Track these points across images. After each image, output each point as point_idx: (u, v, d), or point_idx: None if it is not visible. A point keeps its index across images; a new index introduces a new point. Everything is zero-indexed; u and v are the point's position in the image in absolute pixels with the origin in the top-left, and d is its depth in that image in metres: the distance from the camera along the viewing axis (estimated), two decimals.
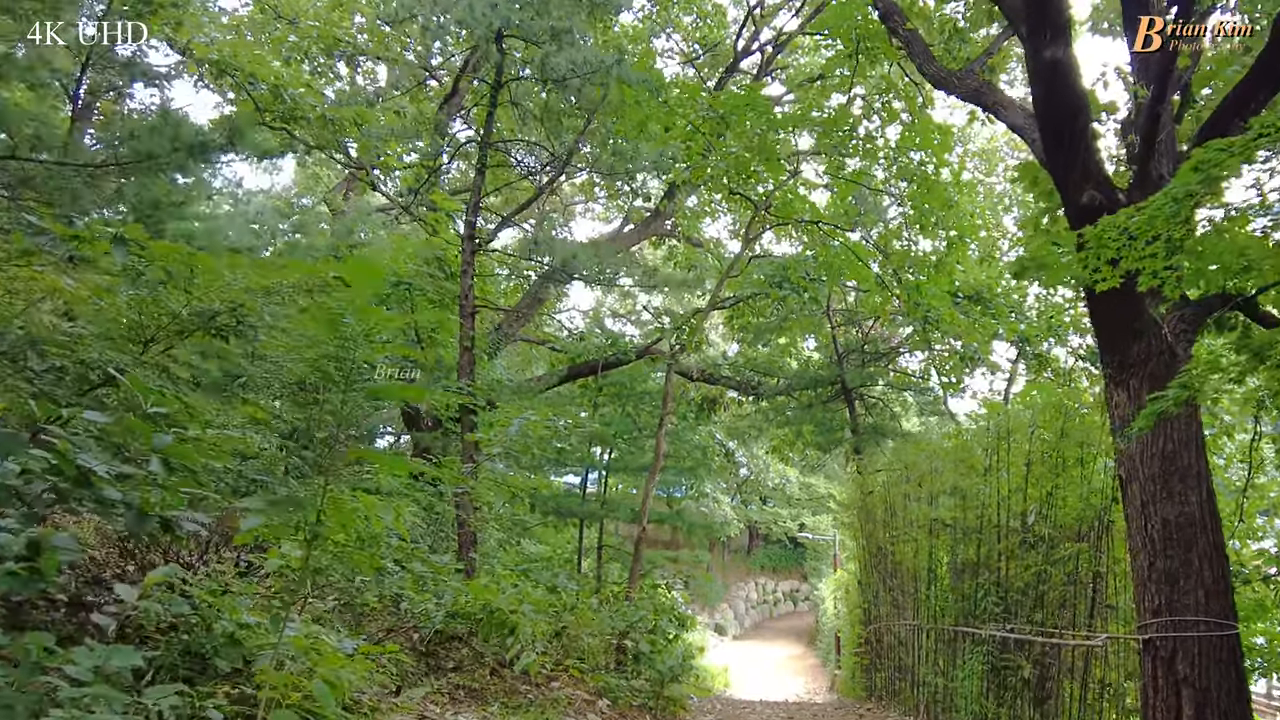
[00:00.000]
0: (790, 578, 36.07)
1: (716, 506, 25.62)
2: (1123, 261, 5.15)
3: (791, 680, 20.99)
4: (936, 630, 9.49)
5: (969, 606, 8.63)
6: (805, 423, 15.69)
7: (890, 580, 11.71)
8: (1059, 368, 12.03)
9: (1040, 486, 7.58)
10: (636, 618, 8.71)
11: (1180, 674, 5.99)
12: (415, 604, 6.07)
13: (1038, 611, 7.64)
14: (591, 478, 15.19)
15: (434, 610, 6.08)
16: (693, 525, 13.99)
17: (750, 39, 16.22)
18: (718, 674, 19.66)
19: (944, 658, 9.39)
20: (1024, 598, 7.76)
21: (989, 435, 8.24)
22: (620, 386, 14.21)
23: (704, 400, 17.22)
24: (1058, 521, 7.35)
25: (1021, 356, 11.48)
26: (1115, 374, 6.91)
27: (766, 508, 31.98)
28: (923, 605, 9.93)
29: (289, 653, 3.84)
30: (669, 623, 9.63)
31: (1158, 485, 6.41)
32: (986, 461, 8.29)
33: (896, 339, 17.01)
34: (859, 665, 14.32)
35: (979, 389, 20.07)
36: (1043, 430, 7.58)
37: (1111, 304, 7.14)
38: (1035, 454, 7.62)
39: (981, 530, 8.36)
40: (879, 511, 11.99)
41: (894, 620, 11.43)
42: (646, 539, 30.07)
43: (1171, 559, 6.23)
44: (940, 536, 9.53)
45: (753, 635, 29.87)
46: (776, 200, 11.22)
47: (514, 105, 10.14)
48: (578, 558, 13.54)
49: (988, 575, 8.23)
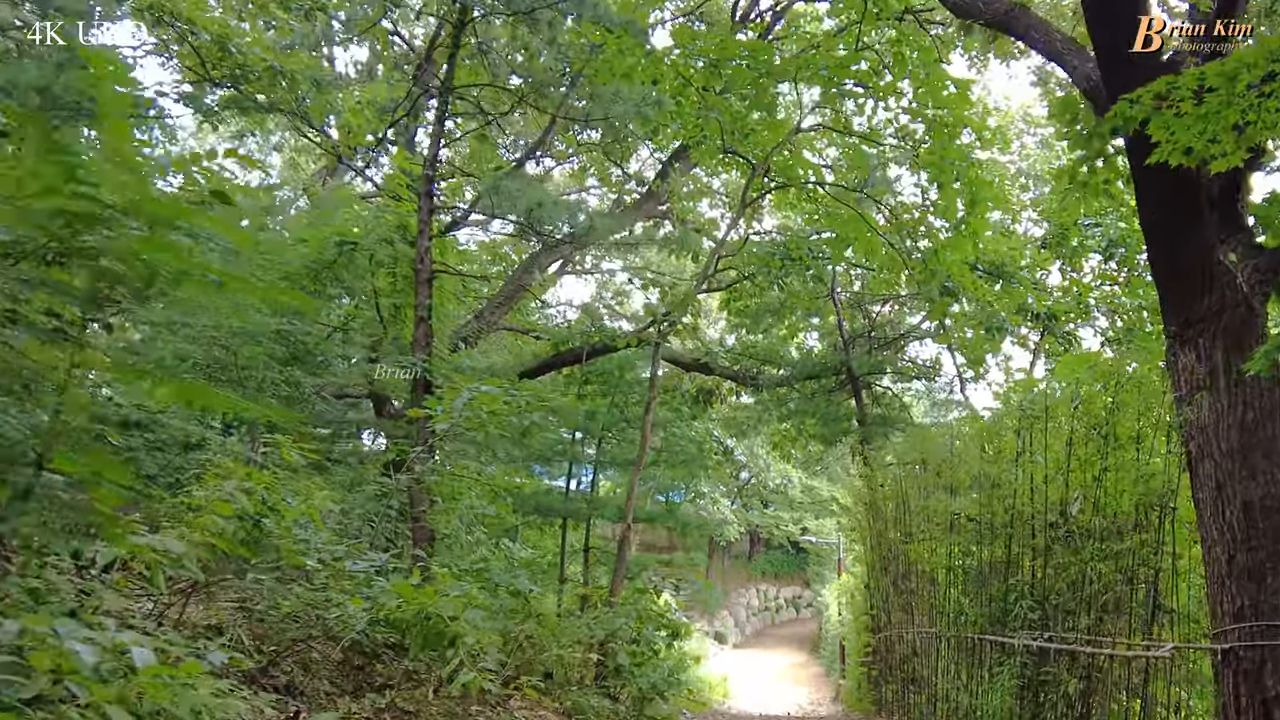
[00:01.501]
0: (792, 583, 35.24)
1: (714, 507, 24.46)
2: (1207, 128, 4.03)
3: (794, 690, 20.29)
4: (957, 639, 8.37)
5: (997, 612, 7.51)
6: (808, 415, 14.56)
7: (902, 584, 10.60)
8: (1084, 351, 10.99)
9: (1085, 470, 6.46)
10: (616, 626, 7.60)
11: (1270, 690, 4.86)
12: (335, 610, 4.98)
13: (1081, 616, 6.52)
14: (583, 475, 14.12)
15: (356, 617, 4.99)
16: (687, 525, 12.87)
17: (750, 4, 15.17)
18: (716, 684, 18.80)
19: (966, 670, 8.27)
20: (1066, 601, 6.63)
21: (1021, 414, 7.11)
22: (607, 376, 13.09)
23: (699, 392, 16.11)
24: (1107, 510, 6.22)
25: (1048, 334, 10.36)
26: (1181, 332, 5.80)
27: (768, 511, 30.87)
28: (941, 611, 8.81)
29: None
30: (655, 631, 8.51)
31: (1236, 462, 5.28)
32: (1019, 445, 7.17)
33: (904, 328, 15.93)
34: (865, 676, 13.28)
35: (995, 380, 19.45)
36: (1089, 404, 6.46)
37: (1177, 245, 6.04)
38: (1079, 433, 6.50)
39: (1012, 525, 7.24)
40: (890, 508, 10.88)
41: (906, 628, 10.32)
42: (642, 544, 28.88)
43: (1256, 551, 5.10)
44: (962, 533, 8.41)
45: (754, 643, 29.05)
46: (776, 163, 10.14)
47: (481, 54, 9.06)
48: (560, 561, 12.41)
49: (1020, 576, 7.10)
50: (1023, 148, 16.84)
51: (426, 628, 5.11)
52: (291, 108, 10.19)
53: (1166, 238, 6.07)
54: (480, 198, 7.82)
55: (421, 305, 8.07)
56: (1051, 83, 15.45)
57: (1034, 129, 16.53)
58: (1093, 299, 10.82)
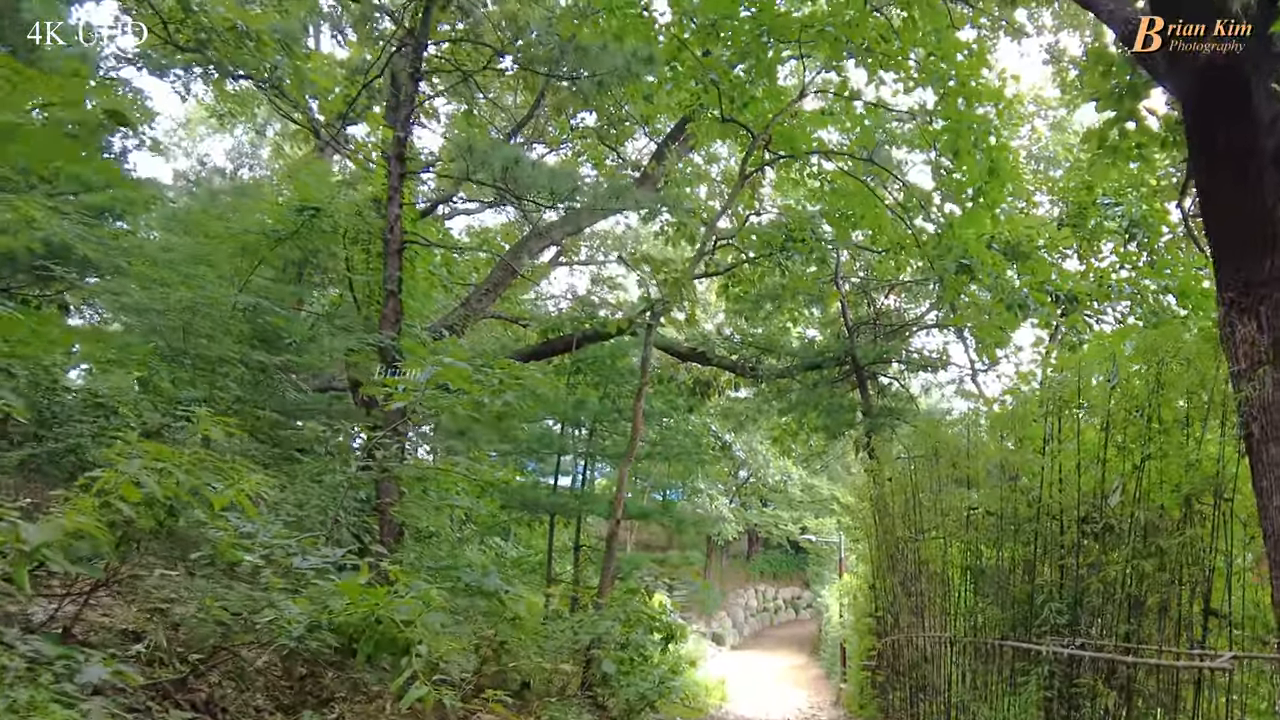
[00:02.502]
0: (791, 584, 34.71)
1: (712, 504, 23.72)
2: None
3: (793, 693, 19.75)
4: (974, 645, 7.68)
5: (1020, 615, 6.82)
6: (810, 408, 13.82)
7: (911, 584, 9.91)
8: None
9: (1125, 458, 5.77)
10: (602, 630, 6.90)
11: None
12: (269, 612, 4.29)
13: (1119, 621, 5.84)
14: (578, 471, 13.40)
15: (293, 621, 4.30)
16: (683, 522, 12.15)
17: None
18: (714, 687, 18.17)
19: (984, 678, 7.59)
20: (1102, 603, 5.95)
21: (1050, 396, 6.42)
22: (599, 365, 12.38)
23: (696, 383, 15.40)
24: (1151, 501, 5.53)
25: (1070, 316, 9.64)
26: (1238, 299, 5.09)
27: (767, 510, 30.19)
28: (957, 614, 8.12)
29: None
30: (646, 635, 7.81)
31: None
32: (1046, 431, 6.48)
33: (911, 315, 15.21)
34: (869, 680, 12.60)
35: (1005, 373, 18.63)
36: (1129, 384, 5.77)
37: (1233, 206, 5.35)
38: (1117, 416, 5.81)
39: (1039, 519, 6.54)
40: (898, 503, 10.18)
41: (916, 631, 9.63)
42: (639, 543, 28.15)
43: None
44: (981, 528, 7.72)
45: (752, 644, 28.47)
46: (777, 132, 9.42)
47: (462, 11, 8.37)
48: (548, 559, 11.72)
49: (1048, 575, 6.41)
50: (1033, 131, 16.16)
51: (376, 633, 4.43)
52: (260, 72, 9.51)
53: (1221, 198, 5.41)
54: (454, 162, 7.11)
55: (391, 278, 7.38)
56: (1065, 60, 14.80)
57: (1046, 110, 15.87)
58: (1114, 280, 10.13)
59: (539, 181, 6.77)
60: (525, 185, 6.86)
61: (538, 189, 6.89)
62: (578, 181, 6.85)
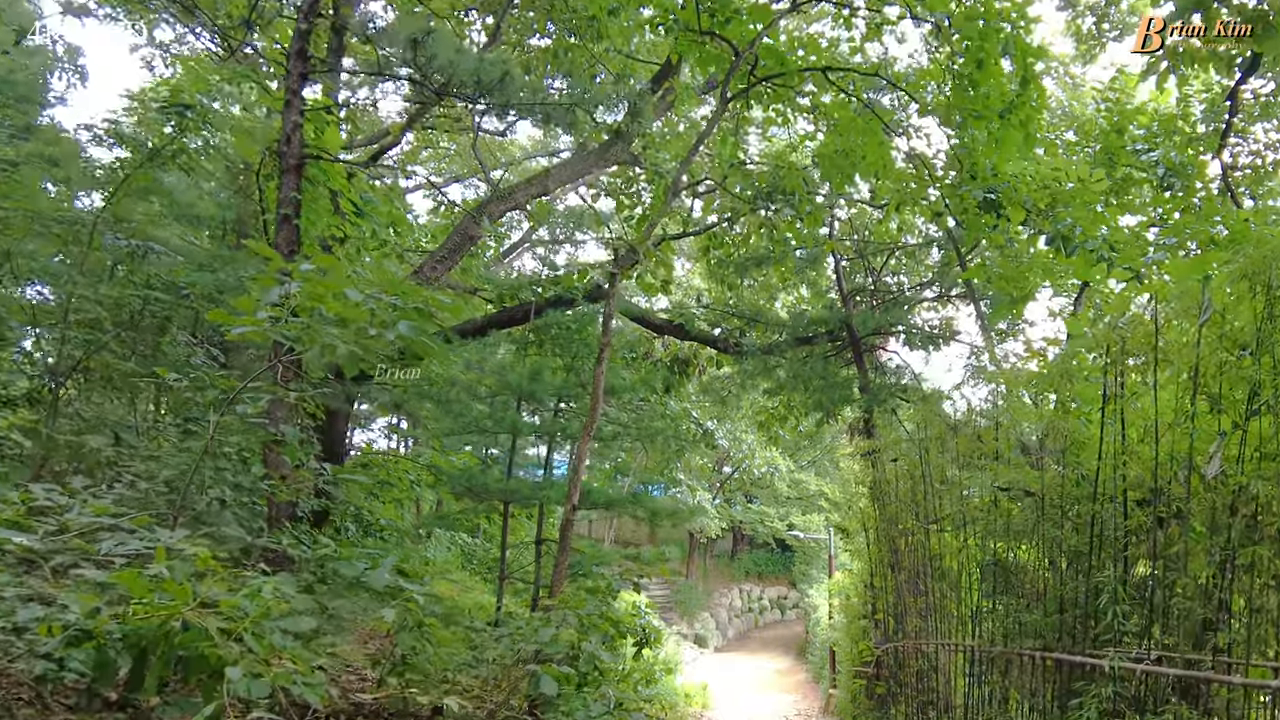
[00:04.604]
0: (777, 584, 33.68)
1: (693, 496, 22.25)
2: None
3: (780, 698, 18.91)
4: (1006, 656, 6.29)
5: (1070, 622, 5.44)
6: (801, 385, 12.39)
7: (918, 583, 8.54)
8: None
9: (1221, 417, 4.39)
10: (544, 640, 5.44)
11: None
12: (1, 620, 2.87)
13: (1209, 631, 4.47)
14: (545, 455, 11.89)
15: (56, 631, 2.87)
16: (657, 513, 10.71)
17: None
18: (695, 692, 16.96)
19: (1017, 698, 6.20)
20: (1188, 607, 4.56)
21: (1109, 341, 5.01)
22: (561, 336, 10.90)
23: (674, 360, 13.93)
24: (1262, 472, 4.14)
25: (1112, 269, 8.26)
26: None
27: (752, 507, 28.86)
28: (983, 617, 6.71)
29: None
30: (606, 643, 6.37)
31: None
32: (1105, 387, 5.08)
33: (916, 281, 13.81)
34: (865, 689, 11.29)
35: (1014, 351, 17.06)
36: (1224, 317, 4.38)
37: None
38: (1207, 360, 4.43)
39: (1097, 499, 5.15)
40: (903, 489, 8.80)
41: (926, 637, 8.26)
42: (617, 540, 26.58)
43: None
44: (1012, 515, 6.32)
45: (736, 646, 27.41)
46: (763, 49, 7.96)
47: None
48: (501, 554, 10.23)
49: (1112, 571, 5.01)
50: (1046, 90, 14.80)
51: (170, 648, 2.98)
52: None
53: None
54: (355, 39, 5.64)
55: (286, 200, 5.89)
56: (1081, 4, 13.48)
57: (1059, 67, 14.51)
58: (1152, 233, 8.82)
59: (462, 66, 5.32)
60: (441, 68, 5.40)
61: (460, 77, 5.44)
62: (508, 68, 5.40)
